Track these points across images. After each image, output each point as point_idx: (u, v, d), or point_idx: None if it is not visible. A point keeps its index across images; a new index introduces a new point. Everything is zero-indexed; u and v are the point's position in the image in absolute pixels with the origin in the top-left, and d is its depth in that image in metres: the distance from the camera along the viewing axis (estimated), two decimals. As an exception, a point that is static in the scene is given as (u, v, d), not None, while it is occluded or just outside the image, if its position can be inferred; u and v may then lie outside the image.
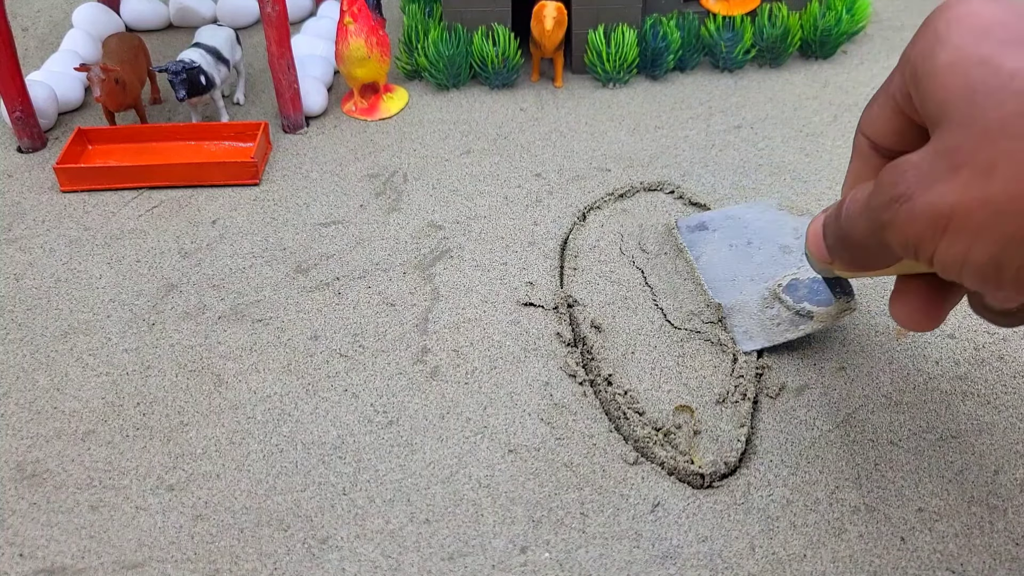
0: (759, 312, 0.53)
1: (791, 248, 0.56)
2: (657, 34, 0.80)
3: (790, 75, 0.83)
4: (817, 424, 0.48)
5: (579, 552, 0.42)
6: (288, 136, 0.75)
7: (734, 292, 0.55)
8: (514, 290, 0.58)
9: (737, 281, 0.55)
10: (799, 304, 0.51)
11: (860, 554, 0.41)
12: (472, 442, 0.48)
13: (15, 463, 0.47)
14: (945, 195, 0.28)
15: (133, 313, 0.57)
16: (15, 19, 0.95)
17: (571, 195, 0.67)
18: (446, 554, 0.42)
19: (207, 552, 0.42)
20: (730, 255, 0.57)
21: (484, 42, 0.79)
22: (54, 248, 0.63)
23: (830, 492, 0.44)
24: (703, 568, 0.41)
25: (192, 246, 0.63)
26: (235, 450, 0.47)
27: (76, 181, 0.69)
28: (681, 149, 0.72)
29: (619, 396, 0.49)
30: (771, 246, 0.57)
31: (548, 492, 0.45)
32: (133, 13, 0.93)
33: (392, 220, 0.65)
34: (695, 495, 0.44)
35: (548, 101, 0.80)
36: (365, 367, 0.52)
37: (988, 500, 0.44)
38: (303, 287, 0.59)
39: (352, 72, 0.75)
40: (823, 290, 0.51)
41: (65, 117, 0.79)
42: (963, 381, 0.50)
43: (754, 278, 0.55)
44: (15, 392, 0.51)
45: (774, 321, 0.52)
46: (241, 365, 0.53)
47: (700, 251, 0.59)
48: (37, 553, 0.43)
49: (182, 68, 0.69)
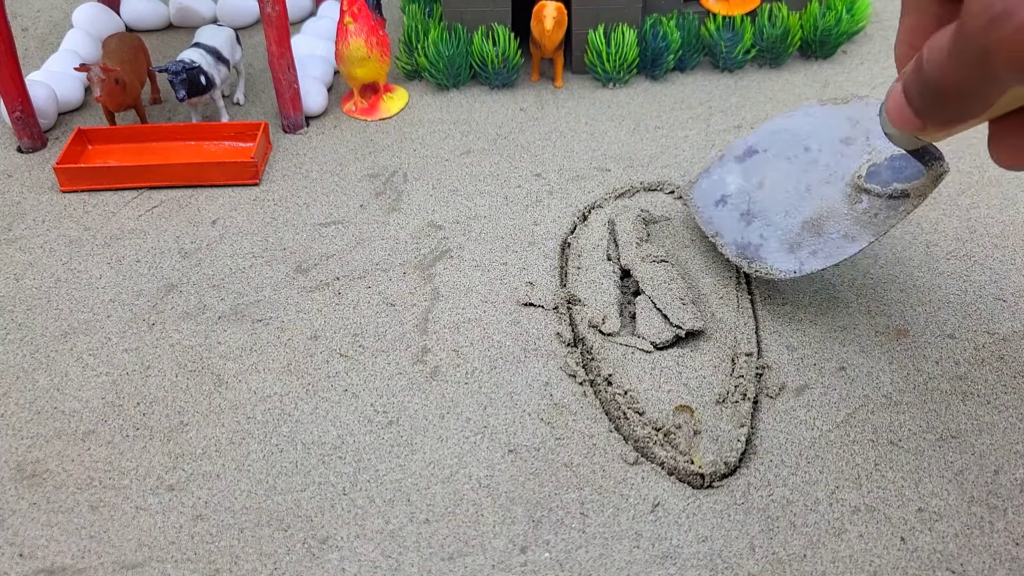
0: (849, 210, 0.50)
1: (852, 138, 0.53)
2: (657, 34, 0.80)
3: (790, 75, 0.83)
4: (817, 424, 0.48)
5: (579, 552, 0.42)
6: (288, 136, 0.75)
7: (814, 202, 0.52)
8: (514, 290, 0.58)
9: (812, 190, 0.52)
10: (888, 187, 0.48)
11: (860, 554, 0.41)
12: (472, 442, 0.48)
13: (15, 463, 0.47)
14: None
15: (133, 313, 0.57)
16: (15, 19, 0.95)
17: (571, 195, 0.67)
18: (446, 554, 0.42)
19: (207, 552, 0.42)
20: (793, 167, 0.54)
21: (484, 42, 0.79)
22: (54, 248, 0.63)
23: (830, 492, 0.44)
24: (703, 568, 0.41)
25: (192, 246, 0.63)
26: (235, 450, 0.47)
27: (76, 181, 0.69)
28: (681, 149, 0.72)
29: (619, 396, 0.49)
30: (831, 143, 0.54)
31: (548, 492, 0.45)
32: (133, 13, 0.93)
33: (392, 220, 0.65)
34: (695, 495, 0.44)
35: (548, 101, 0.80)
36: (365, 367, 0.52)
37: (988, 500, 0.44)
38: (303, 287, 0.59)
39: (352, 72, 0.75)
40: (907, 165, 0.48)
41: (65, 117, 0.79)
42: (963, 381, 0.50)
43: (829, 180, 0.52)
44: (15, 392, 0.51)
45: (869, 214, 0.49)
46: (241, 365, 0.53)
47: (761, 175, 0.56)
48: (37, 553, 0.43)
49: (182, 68, 0.69)
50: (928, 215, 0.63)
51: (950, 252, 0.60)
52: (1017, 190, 0.66)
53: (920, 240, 0.61)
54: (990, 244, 0.60)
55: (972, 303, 0.55)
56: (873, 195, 0.49)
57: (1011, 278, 0.57)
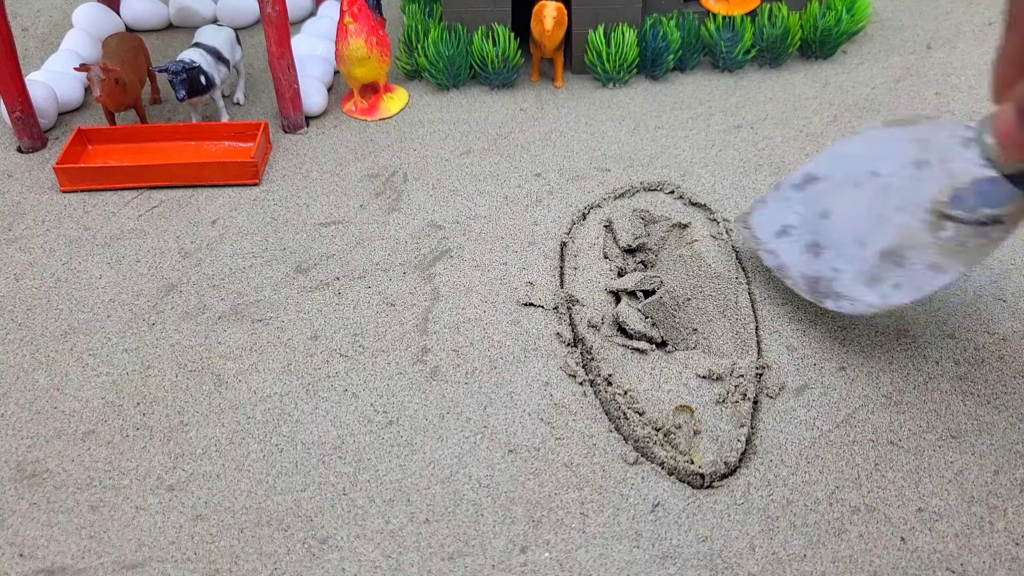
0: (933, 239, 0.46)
1: (925, 161, 0.49)
2: (657, 34, 0.80)
3: (790, 75, 0.83)
4: (817, 424, 0.48)
5: (579, 552, 0.42)
6: (288, 136, 0.75)
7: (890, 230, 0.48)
8: (514, 290, 0.58)
9: (885, 218, 0.48)
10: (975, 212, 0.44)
11: (860, 554, 0.41)
12: (472, 442, 0.48)
13: (15, 463, 0.47)
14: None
15: (133, 313, 0.57)
16: (15, 19, 0.95)
17: (571, 195, 0.67)
18: (446, 554, 0.42)
19: (207, 552, 0.42)
20: (862, 194, 0.50)
21: (484, 42, 0.79)
22: (54, 248, 0.63)
23: (830, 492, 0.44)
24: (703, 568, 0.41)
25: (192, 246, 0.63)
26: (235, 450, 0.47)
27: (76, 181, 0.69)
28: (681, 149, 0.72)
29: (619, 396, 0.49)
30: (902, 167, 0.50)
31: (548, 492, 0.45)
32: (133, 13, 0.93)
33: (392, 220, 0.65)
34: (695, 495, 0.44)
35: (548, 101, 0.80)
36: (365, 367, 0.52)
37: (988, 500, 0.44)
38: (303, 287, 0.59)
39: (352, 72, 0.75)
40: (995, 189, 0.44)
41: (65, 117, 0.79)
42: (963, 381, 0.50)
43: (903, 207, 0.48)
44: (15, 392, 0.51)
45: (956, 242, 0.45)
46: (241, 365, 0.53)
47: (825, 204, 0.52)
48: (37, 553, 0.42)
49: (182, 68, 0.69)
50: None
51: (950, 252, 0.60)
52: (1017, 190, 0.66)
53: (920, 240, 0.61)
54: (990, 244, 0.60)
55: (972, 303, 0.55)
56: (958, 221, 0.46)
57: (1011, 278, 0.57)
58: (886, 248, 0.48)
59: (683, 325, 0.54)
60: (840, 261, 0.50)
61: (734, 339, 0.53)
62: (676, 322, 0.54)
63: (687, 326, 0.54)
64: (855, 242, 0.49)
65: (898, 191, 0.49)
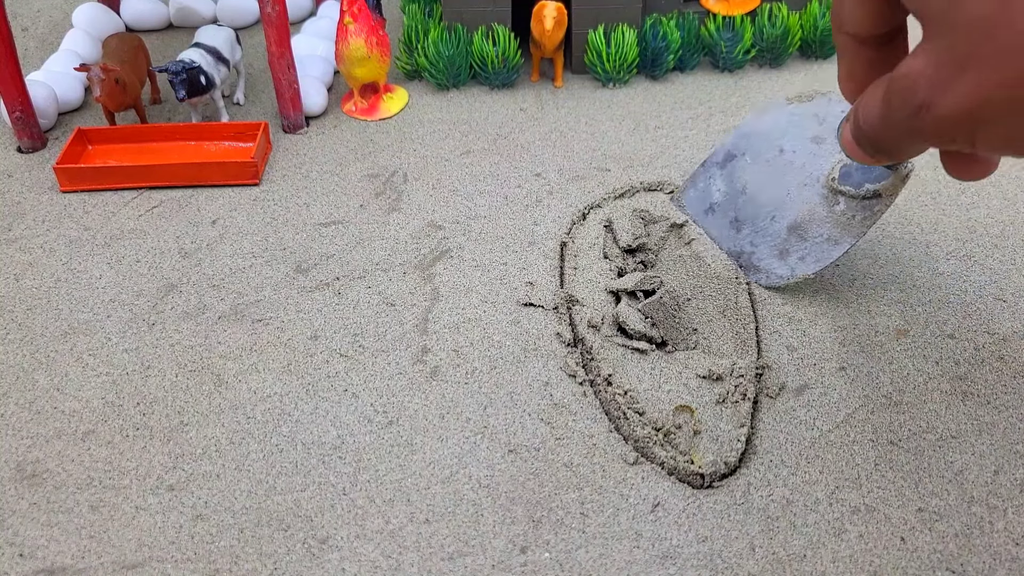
0: (829, 213, 0.49)
1: (822, 137, 0.53)
2: (657, 34, 0.80)
3: (790, 75, 0.83)
4: (817, 424, 0.48)
5: (579, 552, 0.42)
6: (288, 136, 0.75)
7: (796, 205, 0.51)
8: (514, 290, 0.58)
9: (792, 193, 0.52)
10: (861, 188, 0.48)
11: (860, 554, 0.41)
12: (472, 442, 0.48)
13: (15, 463, 0.47)
14: (965, 95, 0.27)
15: (133, 313, 0.57)
16: (15, 19, 0.95)
17: (571, 195, 0.67)
18: (446, 554, 0.42)
19: (207, 552, 0.42)
20: (772, 171, 0.54)
21: (484, 42, 0.79)
22: (54, 248, 0.63)
23: (830, 492, 0.44)
24: (703, 568, 0.41)
25: (192, 246, 0.63)
26: (235, 450, 0.47)
27: (76, 181, 0.69)
28: (681, 149, 0.72)
29: (619, 396, 0.49)
30: (803, 144, 0.53)
31: (548, 492, 0.45)
32: (133, 13, 0.93)
33: (392, 220, 0.65)
34: (695, 495, 0.44)
35: (548, 101, 0.80)
36: (365, 367, 0.52)
37: (988, 500, 0.44)
38: (303, 287, 0.59)
39: (352, 72, 0.75)
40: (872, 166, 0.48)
41: (65, 117, 0.79)
42: (963, 381, 0.50)
43: (806, 182, 0.51)
44: (15, 392, 0.51)
45: (847, 216, 0.49)
46: (241, 365, 0.53)
47: (743, 181, 0.55)
48: (37, 553, 0.42)
49: (182, 68, 0.70)
50: (928, 215, 0.63)
51: (950, 252, 0.60)
52: (1017, 190, 0.66)
53: (920, 240, 0.61)
54: (990, 244, 0.60)
55: (972, 303, 0.55)
56: (848, 197, 0.49)
57: (1011, 278, 0.57)
58: (791, 222, 0.51)
59: (683, 325, 0.54)
60: (756, 236, 0.54)
61: (734, 339, 0.53)
62: (676, 322, 0.54)
63: (687, 326, 0.54)
64: (767, 217, 0.53)
65: (800, 167, 0.52)
